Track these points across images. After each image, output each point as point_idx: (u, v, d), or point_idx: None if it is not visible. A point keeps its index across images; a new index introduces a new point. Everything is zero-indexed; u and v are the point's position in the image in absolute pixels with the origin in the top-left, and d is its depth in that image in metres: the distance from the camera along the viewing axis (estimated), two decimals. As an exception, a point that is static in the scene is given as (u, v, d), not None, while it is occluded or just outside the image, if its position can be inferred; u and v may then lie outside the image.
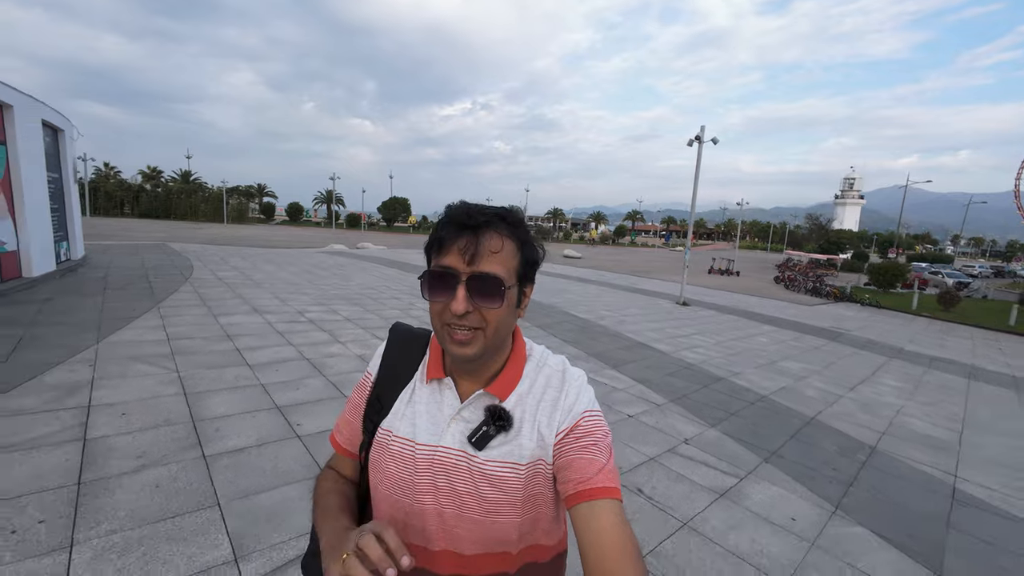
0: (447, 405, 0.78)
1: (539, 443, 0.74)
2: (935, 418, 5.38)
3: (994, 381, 7.82)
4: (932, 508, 3.31)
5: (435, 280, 0.71)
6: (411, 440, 0.77)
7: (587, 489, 0.68)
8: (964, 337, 12.99)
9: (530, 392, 0.78)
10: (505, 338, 0.77)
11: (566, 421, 0.74)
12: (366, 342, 5.86)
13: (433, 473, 0.75)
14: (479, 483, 0.73)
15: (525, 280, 0.75)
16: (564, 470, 0.72)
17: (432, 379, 0.80)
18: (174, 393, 3.73)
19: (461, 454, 0.74)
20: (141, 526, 2.21)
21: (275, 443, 3.14)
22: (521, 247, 0.73)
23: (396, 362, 0.85)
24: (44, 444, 2.81)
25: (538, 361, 0.82)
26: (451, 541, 0.76)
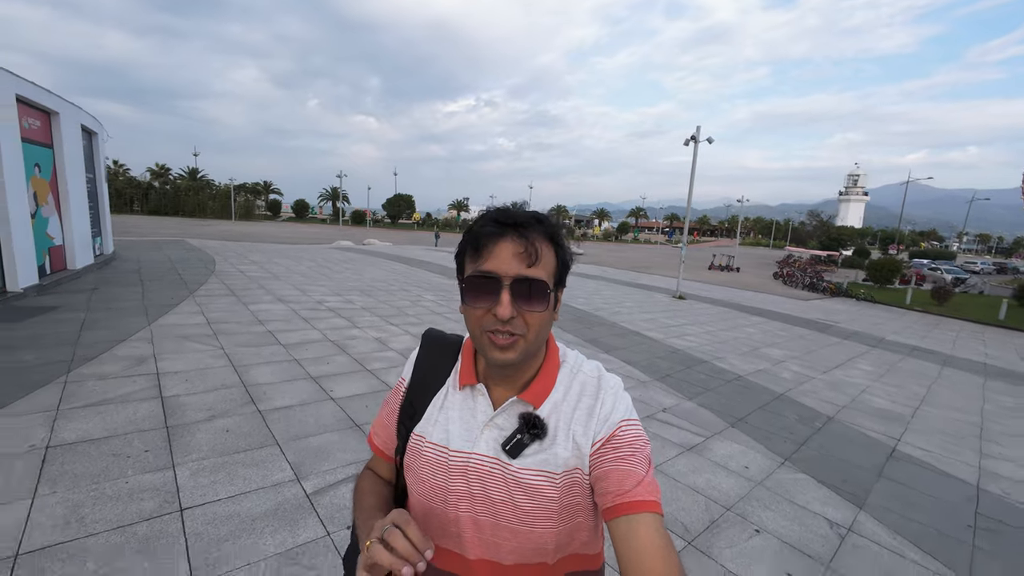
0: (480, 412, 0.78)
1: (574, 452, 0.73)
2: (896, 397, 5.94)
3: (965, 368, 8.35)
4: (870, 462, 3.89)
5: (477, 285, 0.70)
6: (444, 447, 0.77)
7: (626, 503, 0.66)
8: (951, 330, 13.47)
9: (565, 399, 0.77)
10: (542, 344, 0.76)
11: (602, 430, 0.73)
12: (381, 327, 6.48)
13: (468, 480, 0.75)
14: (514, 491, 0.73)
15: (559, 284, 0.75)
16: (601, 481, 0.70)
17: (465, 385, 0.80)
18: (223, 365, 4.37)
19: (495, 462, 0.74)
20: (222, 455, 2.85)
21: (314, 404, 3.76)
22: (557, 251, 0.73)
23: (428, 368, 0.86)
24: (131, 399, 3.45)
25: (572, 367, 0.80)
26: (488, 550, 0.75)
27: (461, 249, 0.74)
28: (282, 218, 73.67)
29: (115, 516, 2.23)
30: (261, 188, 76.71)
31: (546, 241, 0.71)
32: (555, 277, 0.72)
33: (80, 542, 2.05)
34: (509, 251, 0.68)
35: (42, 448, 2.73)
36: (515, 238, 0.69)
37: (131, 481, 2.51)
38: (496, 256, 0.69)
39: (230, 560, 2.05)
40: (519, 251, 0.68)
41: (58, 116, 7.40)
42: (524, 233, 0.69)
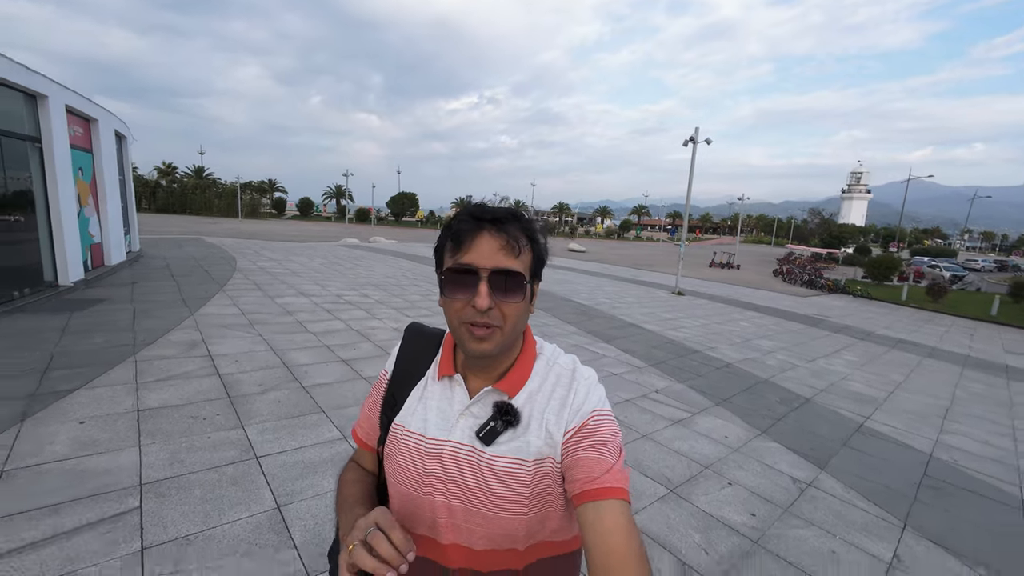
0: (457, 401, 0.80)
1: (547, 441, 0.75)
2: (874, 383, 6.44)
3: (947, 359, 8.83)
4: (837, 435, 4.41)
5: (456, 278, 0.73)
6: (422, 435, 0.79)
7: (593, 489, 0.68)
8: (941, 325, 13.92)
9: (540, 390, 0.79)
10: (518, 336, 0.79)
11: (575, 420, 0.75)
12: (398, 318, 7.02)
13: (442, 467, 0.77)
14: (487, 478, 0.75)
15: (535, 277, 0.77)
16: (571, 469, 0.72)
17: (443, 376, 0.83)
18: (265, 349, 4.92)
19: (469, 449, 0.76)
20: (279, 420, 3.39)
21: (349, 381, 4.30)
22: (533, 245, 0.75)
23: (410, 360, 0.88)
24: (194, 376, 4.01)
25: (548, 359, 0.83)
26: (460, 535, 0.77)
27: (440, 243, 0.76)
28: (287, 216, 74.39)
29: (206, 460, 2.78)
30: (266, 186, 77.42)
31: (522, 235, 0.73)
32: (531, 270, 0.75)
33: (184, 477, 2.60)
34: (487, 244, 0.71)
35: (134, 411, 3.28)
36: (493, 232, 0.71)
37: (212, 436, 3.06)
38: (474, 249, 0.71)
39: (302, 491, 2.59)
40: (497, 244, 0.71)
41: (97, 123, 7.96)
42: (501, 227, 0.71)
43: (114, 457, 2.71)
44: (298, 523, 2.34)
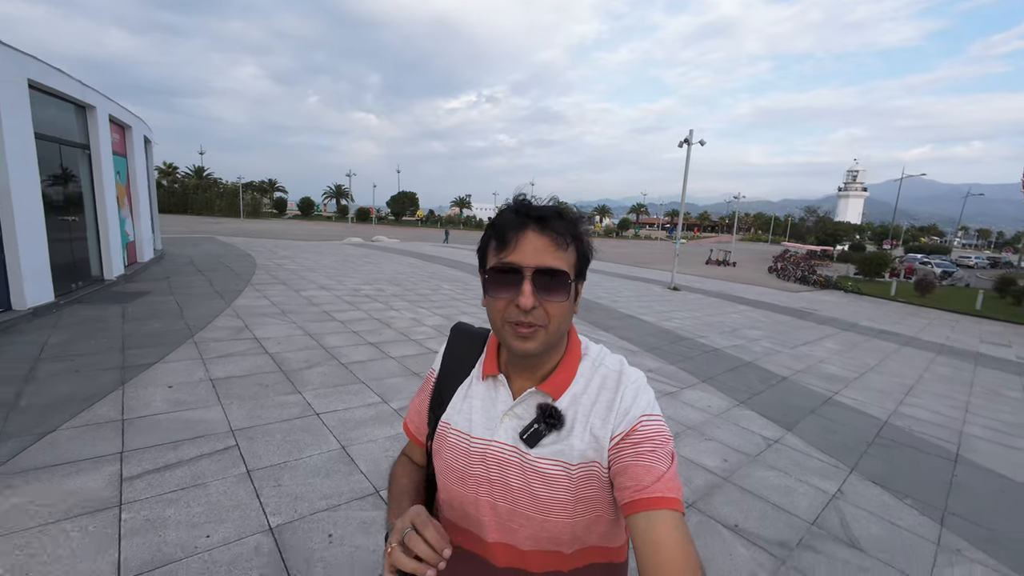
0: (501, 401, 0.80)
1: (592, 445, 0.74)
2: (848, 366, 7.08)
3: (923, 347, 9.47)
4: (807, 406, 5.04)
5: (500, 276, 0.72)
6: (467, 433, 0.81)
7: (644, 498, 0.66)
8: (925, 318, 14.57)
9: (584, 392, 0.77)
10: (563, 335, 0.78)
11: (622, 425, 0.73)
12: (412, 310, 7.65)
13: (486, 466, 0.78)
14: (531, 480, 0.75)
15: (579, 276, 0.76)
16: (620, 476, 0.70)
17: (487, 376, 0.83)
18: (301, 334, 5.54)
19: (513, 450, 0.76)
20: (328, 388, 4.02)
21: (379, 360, 4.93)
22: (578, 243, 0.75)
23: (455, 359, 0.90)
24: (248, 354, 4.63)
25: (594, 360, 0.81)
26: (506, 534, 0.78)
27: (484, 242, 0.76)
28: (288, 216, 74.92)
29: (277, 415, 3.40)
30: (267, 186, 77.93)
31: (567, 233, 0.73)
32: (576, 269, 0.74)
33: (263, 426, 3.22)
34: (531, 243, 0.71)
35: (208, 380, 3.90)
36: (537, 230, 0.71)
37: (276, 399, 3.68)
38: (519, 248, 0.71)
39: (360, 438, 3.22)
40: (541, 243, 0.71)
41: (130, 129, 8.56)
42: (546, 225, 0.71)
43: (204, 412, 3.34)
44: (361, 458, 2.96)
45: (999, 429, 4.97)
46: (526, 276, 0.70)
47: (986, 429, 4.92)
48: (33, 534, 2.05)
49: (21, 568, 1.86)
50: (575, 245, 0.74)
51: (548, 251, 0.70)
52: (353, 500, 2.53)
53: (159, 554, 2.01)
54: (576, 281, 0.75)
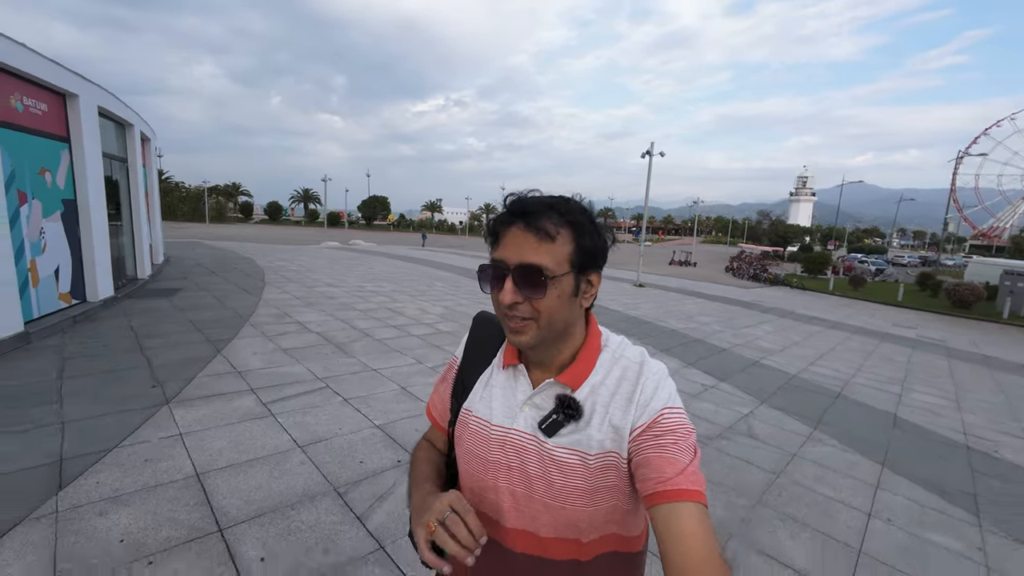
0: (520, 391, 0.82)
1: (610, 435, 0.75)
2: (777, 342, 8.69)
3: (842, 329, 11.31)
4: (739, 366, 6.50)
5: (488, 272, 0.76)
6: (487, 420, 0.83)
7: (667, 490, 0.67)
8: (853, 308, 16.74)
9: (603, 383, 0.78)
10: (565, 328, 0.78)
11: (643, 417, 0.73)
12: (415, 302, 8.77)
13: (505, 453, 0.80)
14: (548, 468, 0.76)
15: (585, 269, 0.76)
16: (642, 468, 0.71)
17: (508, 365, 0.85)
18: (333, 320, 6.61)
19: (532, 438, 0.78)
20: (372, 354, 5.16)
21: (404, 337, 6.08)
22: (575, 235, 0.74)
23: (477, 348, 0.92)
24: (299, 333, 5.70)
25: (614, 352, 0.82)
26: (525, 521, 0.79)
27: (485, 237, 0.80)
28: (254, 220, 73.50)
29: (345, 370, 4.54)
30: (232, 190, 76.18)
31: (561, 226, 0.73)
32: (572, 261, 0.74)
33: (340, 376, 4.35)
34: (516, 239, 0.73)
35: (280, 349, 4.99)
36: (522, 226, 0.72)
37: (338, 361, 4.81)
38: (505, 244, 0.74)
39: (411, 384, 4.40)
40: (525, 239, 0.72)
41: (150, 141, 9.32)
42: (532, 220, 0.72)
43: (291, 368, 4.44)
44: (417, 393, 4.15)
45: (877, 381, 6.59)
46: (508, 273, 0.72)
47: (868, 380, 6.53)
48: (233, 427, 3.17)
49: (238, 443, 2.98)
50: (571, 236, 0.74)
51: (530, 247, 0.72)
52: (422, 415, 3.73)
53: (315, 436, 3.17)
54: (578, 274, 0.75)
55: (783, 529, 2.72)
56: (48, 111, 5.19)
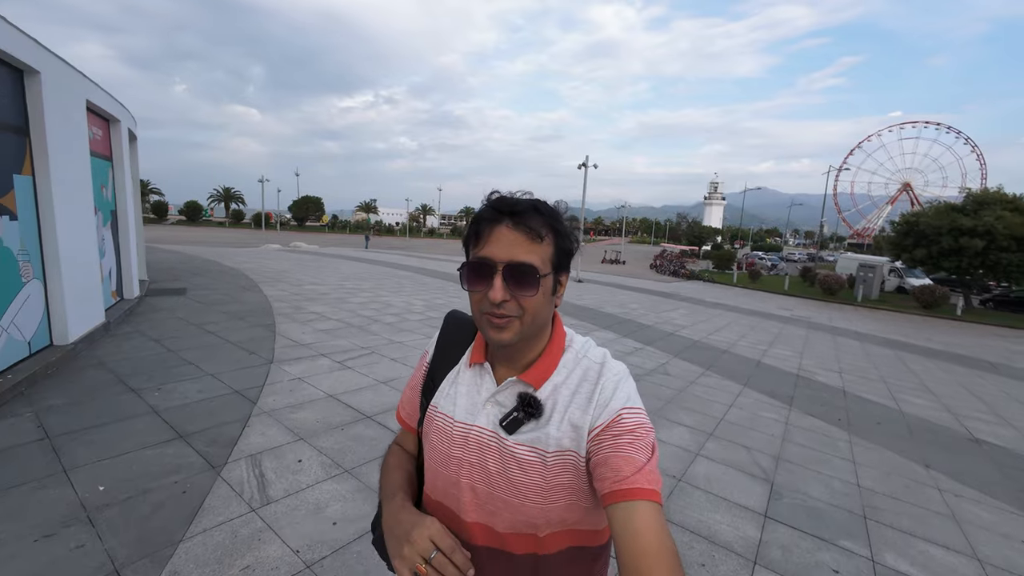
0: (484, 388, 0.84)
1: (569, 434, 0.76)
2: (688, 320, 11.14)
3: (738, 312, 14.20)
4: (660, 337, 8.68)
5: (474, 270, 0.76)
6: (451, 417, 0.85)
7: (623, 489, 0.68)
8: (750, 297, 20.21)
9: (565, 383, 0.80)
10: (542, 326, 0.81)
11: (602, 416, 0.75)
12: (397, 296, 10.17)
13: (467, 449, 0.82)
14: (508, 464, 0.78)
15: (560, 269, 0.79)
16: (600, 467, 0.72)
17: (474, 363, 0.87)
18: (341, 311, 7.91)
19: (493, 435, 0.80)
20: (391, 331, 6.63)
21: (405, 321, 7.56)
22: (555, 237, 0.77)
23: (448, 346, 0.93)
24: (320, 319, 6.99)
25: (577, 352, 0.84)
26: (484, 515, 0.81)
27: (466, 236, 0.80)
28: (170, 221, 68.14)
29: (379, 342, 6.00)
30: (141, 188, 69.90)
31: (543, 228, 0.75)
32: (552, 262, 0.76)
33: (377, 345, 5.82)
34: (504, 237, 0.74)
35: (317, 330, 6.31)
36: (510, 225, 0.74)
37: (368, 337, 6.23)
38: (492, 242, 0.74)
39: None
40: (514, 237, 0.73)
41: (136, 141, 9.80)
42: (519, 220, 0.73)
43: (336, 342, 5.83)
44: (439, 355, 5.74)
45: (754, 343, 9.09)
46: (497, 270, 0.73)
47: (747, 343, 9.00)
48: (329, 374, 4.62)
49: (340, 381, 4.45)
50: (552, 238, 0.76)
51: (520, 246, 0.73)
52: (449, 366, 5.34)
53: (386, 377, 4.69)
54: (555, 274, 0.78)
55: (682, 412, 4.70)
56: (102, 136, 6.09)
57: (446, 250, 40.45)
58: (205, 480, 2.68)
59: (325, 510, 2.52)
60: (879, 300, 21.56)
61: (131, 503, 2.43)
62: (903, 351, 9.96)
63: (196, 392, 3.93)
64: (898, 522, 3.02)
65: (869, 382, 6.78)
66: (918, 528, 2.97)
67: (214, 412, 3.57)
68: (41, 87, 4.21)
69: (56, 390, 3.76)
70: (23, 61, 3.94)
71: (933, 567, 2.58)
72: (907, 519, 3.06)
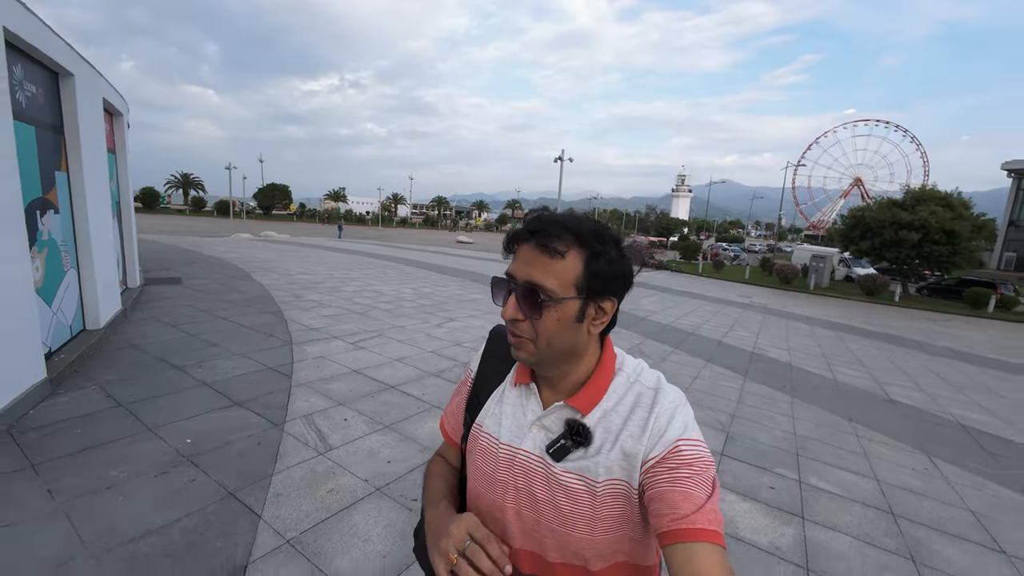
0: (530, 411, 0.81)
1: (619, 463, 0.72)
2: (657, 307, 12.08)
3: (703, 299, 15.31)
4: (633, 320, 9.52)
5: (496, 285, 0.77)
6: (496, 438, 0.82)
7: (683, 529, 0.63)
8: (714, 285, 21.54)
9: (615, 409, 0.76)
10: (570, 352, 0.76)
11: (657, 447, 0.70)
12: (385, 285, 10.62)
13: (512, 473, 0.79)
14: (555, 492, 0.75)
15: (597, 294, 0.73)
16: (655, 502, 0.67)
17: (519, 383, 0.84)
18: (338, 299, 8.34)
19: (540, 461, 0.76)
20: (389, 316, 7.16)
21: (400, 308, 8.06)
22: (589, 260, 0.71)
23: (492, 363, 0.91)
24: (321, 307, 7.43)
25: (629, 376, 0.79)
26: (532, 543, 0.78)
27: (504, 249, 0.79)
28: (125, 208, 64.85)
29: (381, 327, 6.53)
30: (93, 173, 66.03)
31: (572, 247, 0.70)
32: (579, 286, 0.71)
33: (381, 329, 6.35)
34: (526, 255, 0.72)
35: (323, 316, 6.77)
36: (533, 243, 0.71)
37: (371, 323, 6.75)
38: (518, 258, 0.73)
39: (432, 332, 6.53)
40: (533, 257, 0.71)
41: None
42: (543, 239, 0.70)
43: (344, 326, 6.32)
44: (439, 335, 6.32)
45: (716, 326, 10.07)
46: (513, 289, 0.72)
47: (711, 326, 9.97)
48: (347, 353, 5.15)
49: (359, 359, 4.99)
50: (583, 260, 0.70)
51: (538, 266, 0.70)
52: (447, 349, 5.93)
53: (398, 356, 5.26)
54: (585, 299, 0.72)
55: (654, 381, 5.50)
56: (108, 130, 6.29)
57: (421, 240, 40.53)
58: (273, 434, 3.23)
59: (379, 454, 3.13)
60: (829, 288, 23.37)
61: (219, 451, 2.96)
62: (844, 332, 11.20)
63: (232, 369, 4.40)
64: (822, 457, 3.87)
65: (812, 358, 7.81)
66: (836, 461, 3.83)
67: (257, 384, 4.08)
68: (75, 89, 4.50)
69: (105, 368, 4.17)
70: (61, 64, 4.24)
71: (844, 485, 3.43)
72: (829, 455, 3.92)
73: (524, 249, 0.73)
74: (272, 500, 2.53)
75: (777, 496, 3.17)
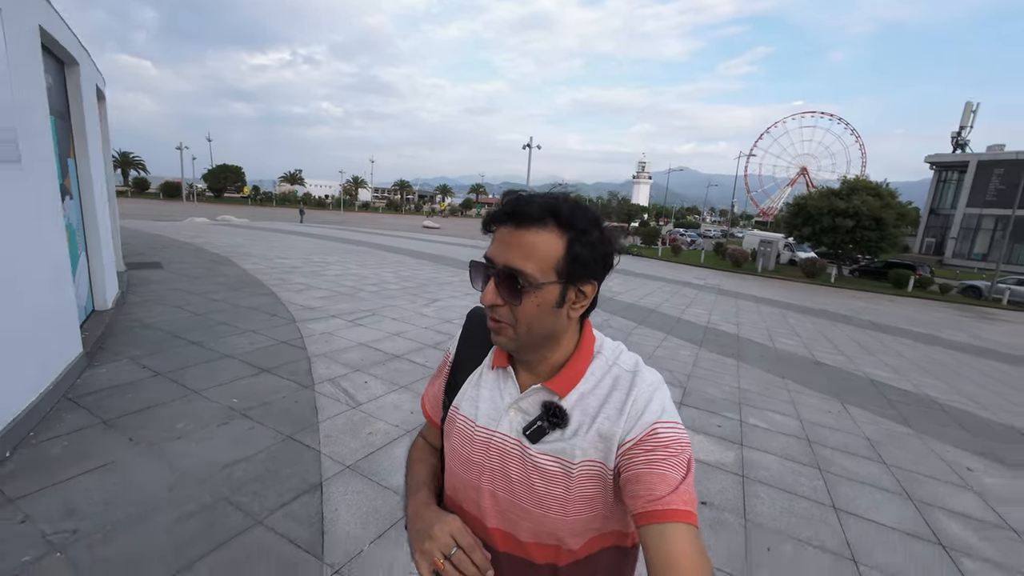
0: (507, 394, 0.81)
1: (596, 445, 0.73)
2: (623, 289, 12.99)
3: (662, 281, 16.45)
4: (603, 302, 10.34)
5: (475, 269, 0.76)
6: (472, 420, 0.83)
7: (658, 510, 0.65)
8: (672, 268, 22.89)
9: (593, 392, 0.77)
10: (549, 336, 0.76)
11: (634, 429, 0.71)
12: (364, 269, 10.93)
13: (488, 455, 0.80)
14: (531, 474, 0.76)
15: (577, 278, 0.72)
16: (632, 484, 0.69)
17: (497, 366, 0.84)
18: (322, 281, 8.64)
19: (515, 443, 0.77)
20: (378, 298, 7.61)
21: (384, 290, 8.48)
22: (570, 243, 0.70)
23: (469, 346, 0.91)
24: (310, 289, 7.77)
25: (607, 359, 0.80)
26: (506, 523, 0.80)
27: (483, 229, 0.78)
28: (58, 189, 59.99)
29: (372, 307, 6.98)
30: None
31: (553, 231, 0.69)
32: (559, 270, 0.70)
33: (372, 309, 6.81)
34: (504, 239, 0.71)
35: (317, 297, 7.13)
36: (511, 226, 0.70)
37: (358, 304, 7.17)
38: (495, 242, 0.72)
39: (421, 310, 7.04)
40: (512, 240, 0.70)
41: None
42: (522, 221, 0.69)
43: (339, 306, 6.72)
44: (429, 312, 6.85)
45: (675, 305, 11.07)
46: (491, 273, 0.71)
47: (670, 305, 10.95)
48: (349, 328, 5.61)
49: (361, 335, 5.48)
50: (564, 244, 0.70)
51: (516, 249, 0.69)
52: (435, 327, 6.48)
53: (396, 332, 5.77)
54: (565, 284, 0.71)
55: (623, 350, 6.29)
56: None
57: (387, 225, 40.14)
58: (306, 395, 3.73)
59: (402, 407, 3.70)
60: (775, 271, 25.33)
61: (265, 407, 3.44)
62: (786, 309, 12.53)
63: (248, 344, 4.80)
64: (759, 404, 4.76)
65: (757, 330, 8.89)
66: (769, 406, 4.73)
67: (277, 355, 4.52)
68: (79, 77, 4.66)
69: (127, 345, 4.47)
70: (70, 54, 4.40)
71: (774, 423, 4.30)
72: (764, 403, 4.82)
73: (502, 231, 0.72)
74: (325, 440, 3.07)
75: (723, 431, 3.99)
